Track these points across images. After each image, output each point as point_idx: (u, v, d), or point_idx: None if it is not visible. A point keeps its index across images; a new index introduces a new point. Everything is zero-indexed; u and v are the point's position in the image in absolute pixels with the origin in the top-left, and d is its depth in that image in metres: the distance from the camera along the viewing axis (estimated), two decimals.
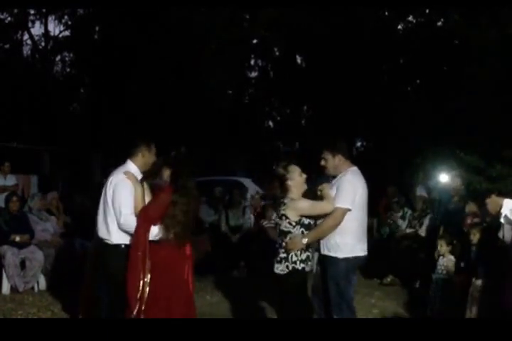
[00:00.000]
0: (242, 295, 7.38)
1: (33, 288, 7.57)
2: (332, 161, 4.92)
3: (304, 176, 4.70)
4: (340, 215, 4.72)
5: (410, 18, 19.88)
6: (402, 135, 17.55)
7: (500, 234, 6.02)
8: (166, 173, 4.89)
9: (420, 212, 8.84)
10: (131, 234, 4.70)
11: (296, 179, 4.65)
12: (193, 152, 16.08)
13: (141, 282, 4.65)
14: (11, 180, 10.16)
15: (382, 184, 10.39)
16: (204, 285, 8.00)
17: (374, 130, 19.70)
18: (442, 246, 6.59)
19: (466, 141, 13.10)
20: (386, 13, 19.55)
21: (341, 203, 4.71)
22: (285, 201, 4.62)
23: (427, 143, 14.37)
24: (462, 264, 6.52)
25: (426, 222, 8.61)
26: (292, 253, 4.54)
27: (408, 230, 8.78)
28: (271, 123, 23.76)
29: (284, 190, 4.66)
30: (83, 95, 23.47)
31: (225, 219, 9.60)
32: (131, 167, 4.89)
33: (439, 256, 6.60)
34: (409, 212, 9.01)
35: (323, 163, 4.96)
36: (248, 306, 6.82)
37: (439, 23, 18.38)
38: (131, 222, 4.62)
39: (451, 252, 6.64)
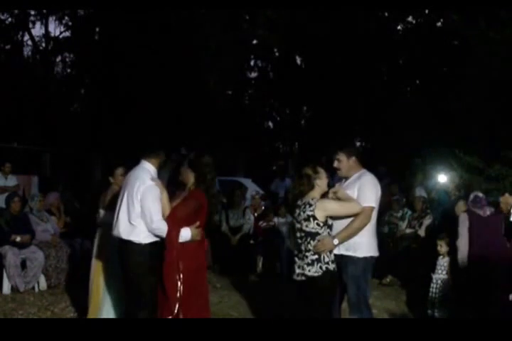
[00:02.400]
0: (243, 294, 7.40)
1: (33, 288, 7.59)
2: (346, 163, 4.96)
3: (328, 179, 4.81)
4: (370, 215, 4.80)
5: (410, 18, 19.91)
6: (401, 135, 17.56)
7: None
8: (189, 176, 5.00)
9: (420, 213, 8.85)
10: (160, 237, 4.81)
11: (323, 179, 4.72)
12: (193, 152, 16.09)
13: (179, 282, 4.79)
14: (11, 181, 10.17)
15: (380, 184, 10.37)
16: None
17: (373, 130, 19.72)
18: (442, 247, 6.60)
19: (465, 141, 13.11)
20: (386, 14, 19.56)
21: (368, 202, 4.79)
22: (311, 202, 4.58)
23: (426, 144, 14.38)
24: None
25: (425, 222, 8.63)
26: (323, 254, 4.55)
27: (408, 230, 8.79)
28: (270, 124, 23.80)
29: (310, 188, 4.66)
30: (83, 96, 23.49)
31: (226, 219, 9.61)
32: (151, 169, 4.95)
33: (438, 256, 6.62)
34: (409, 212, 9.02)
35: (336, 164, 4.98)
36: (248, 306, 6.83)
37: (439, 24, 18.39)
38: (163, 227, 4.74)
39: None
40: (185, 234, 4.80)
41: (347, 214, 4.71)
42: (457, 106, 15.48)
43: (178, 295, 4.82)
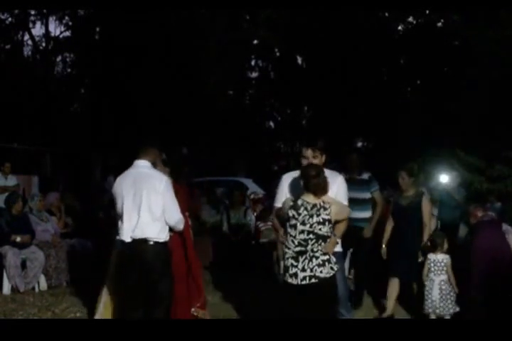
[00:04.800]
0: (243, 295, 7.37)
1: (33, 288, 7.56)
2: (321, 161, 4.84)
3: None
4: None
5: (410, 18, 19.91)
6: (403, 135, 17.56)
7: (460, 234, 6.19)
8: (163, 171, 5.16)
9: None
10: (177, 230, 4.95)
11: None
12: (194, 152, 16.13)
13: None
14: (11, 181, 10.15)
15: (382, 184, 10.36)
16: (205, 285, 7.98)
17: (374, 130, 19.71)
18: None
19: (466, 141, 13.10)
20: (386, 14, 19.57)
21: (346, 202, 4.83)
22: (325, 205, 4.46)
23: (428, 144, 14.38)
24: None
25: None
26: (331, 255, 4.50)
27: None
28: (271, 124, 23.80)
29: (326, 190, 4.51)
30: (83, 96, 23.49)
31: (227, 219, 9.59)
32: (150, 166, 4.95)
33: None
34: None
35: (316, 161, 4.80)
36: (249, 307, 6.80)
37: (439, 24, 18.39)
38: (183, 219, 4.93)
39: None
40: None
41: (344, 218, 4.66)
42: (457, 106, 15.48)
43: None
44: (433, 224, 8.66)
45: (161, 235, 4.78)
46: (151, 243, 4.73)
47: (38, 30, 32.77)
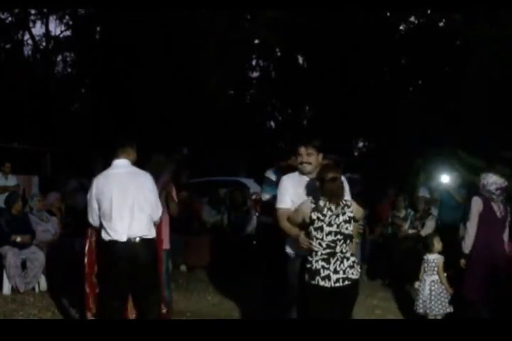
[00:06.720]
0: (244, 295, 7.35)
1: (33, 288, 7.54)
2: (317, 159, 4.65)
3: None
4: None
5: (412, 18, 19.91)
6: (404, 135, 17.56)
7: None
8: None
9: (422, 213, 8.82)
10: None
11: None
12: (195, 152, 16.11)
13: None
14: (11, 181, 10.15)
15: (383, 184, 10.40)
16: (205, 285, 7.99)
17: (376, 130, 19.71)
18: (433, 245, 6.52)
19: (466, 141, 13.10)
20: (388, 14, 19.56)
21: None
22: (348, 203, 4.39)
23: (429, 144, 14.38)
24: None
25: (428, 223, 8.60)
26: (355, 256, 4.49)
27: (410, 231, 8.76)
28: (272, 124, 23.78)
29: (337, 196, 4.39)
30: (83, 96, 23.48)
31: (228, 219, 9.57)
32: (130, 164, 4.98)
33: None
34: (412, 212, 9.00)
35: (311, 159, 4.60)
36: (249, 307, 6.79)
37: (441, 24, 18.39)
38: None
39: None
40: None
41: (360, 218, 4.68)
42: (457, 106, 15.49)
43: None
44: (433, 224, 8.68)
45: (152, 231, 4.87)
46: (146, 240, 4.77)
47: (38, 29, 32.68)
